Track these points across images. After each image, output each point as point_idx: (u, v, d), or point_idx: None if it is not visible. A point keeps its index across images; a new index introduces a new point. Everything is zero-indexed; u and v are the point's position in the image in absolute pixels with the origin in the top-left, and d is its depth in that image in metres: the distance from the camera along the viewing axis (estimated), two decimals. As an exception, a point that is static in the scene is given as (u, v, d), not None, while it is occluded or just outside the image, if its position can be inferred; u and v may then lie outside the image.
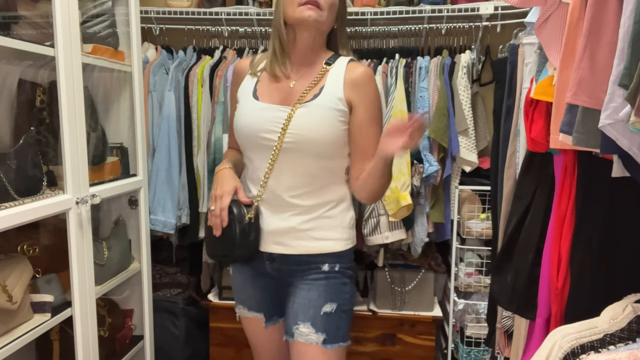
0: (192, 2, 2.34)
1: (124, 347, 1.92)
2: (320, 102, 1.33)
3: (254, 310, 1.49)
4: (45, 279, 1.52)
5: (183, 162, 2.18)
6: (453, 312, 2.23)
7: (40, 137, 1.55)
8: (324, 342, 1.34)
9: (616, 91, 0.82)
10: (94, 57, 1.65)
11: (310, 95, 1.33)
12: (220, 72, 2.18)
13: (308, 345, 1.35)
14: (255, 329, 1.52)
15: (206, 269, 2.45)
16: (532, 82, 1.40)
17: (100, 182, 1.70)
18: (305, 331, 1.35)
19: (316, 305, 1.36)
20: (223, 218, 1.33)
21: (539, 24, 1.27)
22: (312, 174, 1.35)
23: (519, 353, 1.45)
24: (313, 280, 1.38)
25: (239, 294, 1.52)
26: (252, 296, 1.49)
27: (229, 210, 1.34)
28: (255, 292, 1.48)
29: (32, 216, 1.34)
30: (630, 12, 0.80)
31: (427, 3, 2.21)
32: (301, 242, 1.37)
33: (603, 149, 0.90)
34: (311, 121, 1.31)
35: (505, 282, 1.41)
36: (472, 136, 2.10)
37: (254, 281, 1.47)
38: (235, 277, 1.52)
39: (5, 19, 1.45)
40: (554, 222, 1.27)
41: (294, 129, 1.31)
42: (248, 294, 1.49)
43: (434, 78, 2.12)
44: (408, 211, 2.05)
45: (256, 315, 1.49)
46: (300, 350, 1.37)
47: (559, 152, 1.23)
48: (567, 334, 0.99)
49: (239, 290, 1.52)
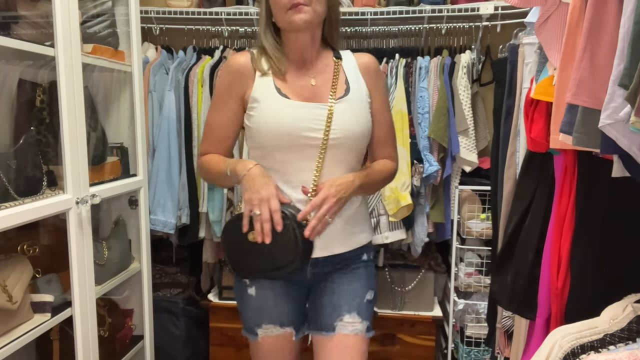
0: (192, 2, 2.35)
1: (124, 347, 1.92)
2: (353, 96, 1.33)
3: (286, 326, 1.35)
4: (45, 279, 1.52)
5: (183, 162, 2.18)
6: (453, 312, 2.23)
7: (40, 137, 1.55)
8: (367, 330, 1.34)
9: (616, 91, 0.82)
10: (94, 57, 1.65)
11: (342, 91, 1.33)
12: (220, 72, 2.18)
13: (353, 335, 1.32)
14: (285, 346, 1.37)
15: (206, 269, 2.45)
16: (532, 82, 1.40)
17: (100, 182, 1.70)
18: (351, 321, 1.32)
19: (360, 294, 1.34)
20: (277, 222, 1.18)
21: (539, 24, 1.27)
22: (353, 167, 1.34)
23: (519, 353, 1.45)
24: (352, 270, 1.35)
25: (270, 312, 1.34)
26: (284, 310, 1.34)
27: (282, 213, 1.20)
28: (289, 305, 1.35)
29: (32, 216, 1.34)
30: (630, 13, 0.80)
31: (427, 3, 2.21)
32: (346, 240, 1.34)
33: (603, 149, 0.90)
34: (351, 116, 1.31)
35: (505, 282, 1.41)
36: (472, 136, 2.10)
37: (288, 293, 1.35)
38: (262, 296, 1.33)
39: (5, 19, 1.45)
40: (554, 222, 1.26)
41: (337, 125, 1.28)
42: (281, 309, 1.34)
43: (434, 78, 2.12)
44: (408, 211, 2.05)
45: (287, 330, 1.35)
46: (344, 342, 1.32)
47: (559, 152, 1.23)
48: (567, 334, 0.99)
49: (270, 309, 1.34)
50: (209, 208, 2.18)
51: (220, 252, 2.33)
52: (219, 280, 2.35)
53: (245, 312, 1.38)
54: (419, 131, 2.10)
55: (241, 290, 1.37)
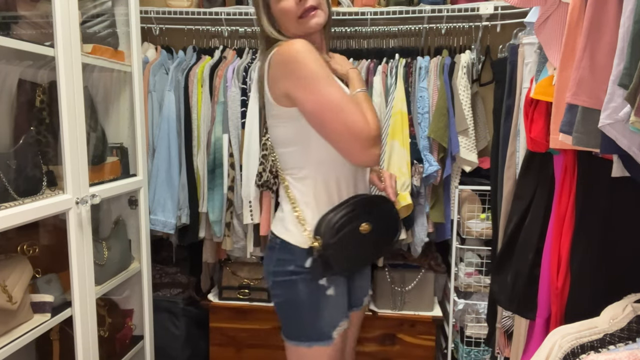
0: (192, 2, 2.35)
1: (124, 347, 1.92)
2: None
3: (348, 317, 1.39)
4: (45, 279, 1.52)
5: (183, 162, 2.18)
6: (453, 312, 2.23)
7: (40, 137, 1.55)
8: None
9: (616, 91, 0.82)
10: (94, 57, 1.65)
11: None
12: (220, 72, 2.18)
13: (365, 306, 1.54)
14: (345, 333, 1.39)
15: (206, 269, 2.45)
16: (532, 82, 1.40)
17: (100, 182, 1.70)
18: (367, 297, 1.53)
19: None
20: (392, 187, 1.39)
21: (539, 24, 1.27)
22: None
23: (519, 353, 1.45)
24: None
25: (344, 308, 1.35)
26: (347, 303, 1.38)
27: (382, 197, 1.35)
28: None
29: (32, 216, 1.34)
30: (630, 12, 0.80)
31: (427, 3, 2.21)
32: None
33: (603, 149, 0.90)
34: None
35: (505, 282, 1.41)
36: (472, 136, 2.10)
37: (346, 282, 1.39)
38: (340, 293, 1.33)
39: (5, 19, 1.45)
40: (554, 222, 1.26)
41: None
42: (346, 302, 1.37)
43: (434, 78, 2.12)
44: (408, 211, 2.05)
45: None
46: (364, 311, 1.55)
47: (559, 152, 1.23)
48: (567, 334, 0.99)
49: (344, 304, 1.35)
50: (209, 208, 2.18)
51: (220, 252, 2.33)
52: (219, 280, 2.35)
53: (323, 317, 1.31)
54: (419, 131, 2.10)
55: (318, 296, 1.30)
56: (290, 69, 1.20)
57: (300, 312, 1.31)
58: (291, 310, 1.32)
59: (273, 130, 1.33)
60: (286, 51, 1.20)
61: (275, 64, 1.22)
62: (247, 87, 2.15)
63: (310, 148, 1.27)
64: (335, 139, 1.21)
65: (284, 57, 1.20)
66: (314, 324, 1.31)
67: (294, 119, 1.24)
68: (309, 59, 1.19)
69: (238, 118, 2.15)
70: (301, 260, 1.28)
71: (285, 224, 1.31)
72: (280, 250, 1.31)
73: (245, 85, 2.15)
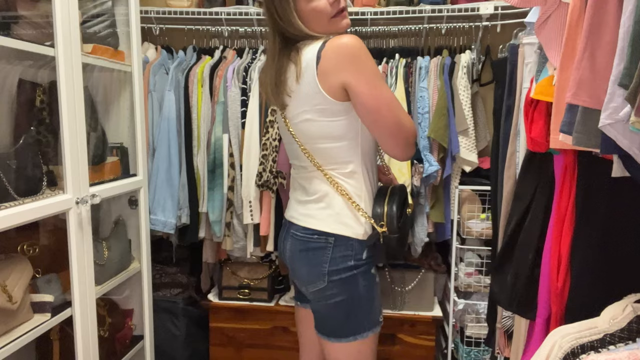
0: (192, 2, 2.35)
1: (124, 347, 1.92)
2: None
3: None
4: (45, 279, 1.52)
5: (183, 162, 2.18)
6: (453, 312, 2.23)
7: (40, 137, 1.55)
8: None
9: (616, 91, 0.82)
10: (94, 57, 1.65)
11: None
12: (220, 72, 2.18)
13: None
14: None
15: (206, 269, 2.45)
16: (532, 82, 1.40)
17: (100, 182, 1.70)
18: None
19: None
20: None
21: (539, 24, 1.27)
22: None
23: (519, 353, 1.45)
24: None
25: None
26: None
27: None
28: None
29: (32, 216, 1.34)
30: (630, 12, 0.80)
31: (427, 3, 2.21)
32: None
33: (603, 149, 0.90)
34: None
35: (505, 282, 1.41)
36: (472, 136, 2.10)
37: None
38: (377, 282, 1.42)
39: (5, 19, 1.45)
40: (554, 222, 1.26)
41: None
42: None
43: (434, 78, 2.12)
44: (408, 211, 2.05)
45: None
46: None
47: (559, 152, 1.23)
48: (567, 334, 0.99)
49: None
50: (209, 208, 2.18)
51: (220, 252, 2.33)
52: (219, 280, 2.35)
53: (376, 305, 1.39)
54: (419, 131, 2.10)
55: (372, 284, 1.37)
56: (354, 63, 1.22)
57: (360, 306, 1.34)
58: (351, 306, 1.33)
59: (318, 125, 1.29)
60: (348, 45, 1.22)
61: (334, 56, 1.22)
62: (247, 87, 2.15)
63: (357, 142, 1.31)
64: (385, 134, 1.28)
65: (347, 50, 1.22)
66: (369, 314, 1.36)
67: (347, 112, 1.27)
68: (369, 57, 1.25)
69: (238, 118, 2.15)
70: (360, 253, 1.32)
71: (342, 218, 1.31)
72: (336, 247, 1.31)
73: (246, 85, 2.15)
